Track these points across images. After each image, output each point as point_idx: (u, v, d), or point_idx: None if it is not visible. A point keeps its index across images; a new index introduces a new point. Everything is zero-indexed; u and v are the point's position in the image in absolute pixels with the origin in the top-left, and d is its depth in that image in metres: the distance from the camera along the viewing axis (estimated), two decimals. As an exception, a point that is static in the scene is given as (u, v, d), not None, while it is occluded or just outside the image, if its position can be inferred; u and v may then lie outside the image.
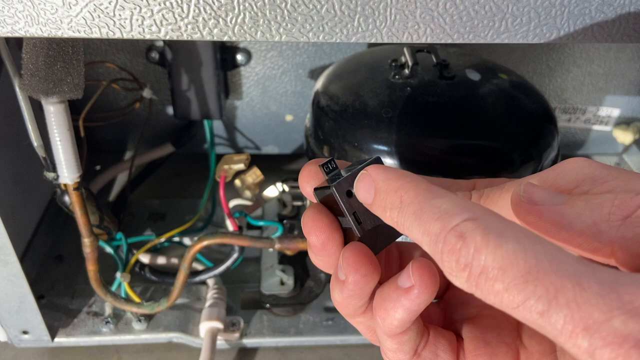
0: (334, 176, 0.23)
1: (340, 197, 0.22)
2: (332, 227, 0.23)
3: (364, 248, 0.22)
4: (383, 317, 0.22)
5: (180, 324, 0.51)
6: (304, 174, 0.25)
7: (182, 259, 0.47)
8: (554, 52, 0.64)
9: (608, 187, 0.20)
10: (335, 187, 0.22)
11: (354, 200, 0.22)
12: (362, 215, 0.22)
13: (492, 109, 0.42)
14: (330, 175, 0.23)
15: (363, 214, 0.22)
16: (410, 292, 0.21)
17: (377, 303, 0.22)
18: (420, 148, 0.41)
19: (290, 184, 0.53)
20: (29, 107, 0.38)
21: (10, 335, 0.50)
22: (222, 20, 0.27)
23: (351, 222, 0.22)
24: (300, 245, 0.48)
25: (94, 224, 0.47)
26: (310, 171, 0.24)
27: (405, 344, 0.23)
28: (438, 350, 0.24)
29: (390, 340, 0.23)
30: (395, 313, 0.21)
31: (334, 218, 0.23)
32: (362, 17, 0.27)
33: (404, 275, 0.21)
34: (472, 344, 0.24)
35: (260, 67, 0.61)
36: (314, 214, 0.23)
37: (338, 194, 0.22)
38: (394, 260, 0.27)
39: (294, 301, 0.52)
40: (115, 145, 0.69)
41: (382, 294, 0.22)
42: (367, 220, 0.23)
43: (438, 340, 0.24)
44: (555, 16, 0.28)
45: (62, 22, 0.27)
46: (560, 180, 0.21)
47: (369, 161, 0.23)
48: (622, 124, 0.71)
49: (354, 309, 0.23)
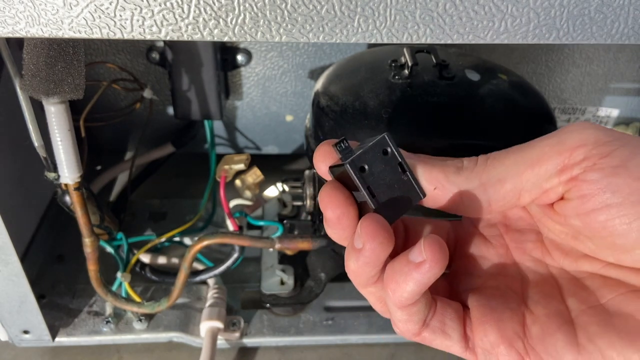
0: (347, 154, 0.24)
1: (354, 172, 0.24)
2: (348, 202, 0.24)
3: (380, 218, 0.23)
4: (394, 289, 0.23)
5: (180, 324, 0.52)
6: (319, 154, 0.26)
7: (183, 258, 0.47)
8: (553, 53, 0.64)
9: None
10: (349, 164, 0.24)
11: (367, 174, 0.24)
12: (375, 188, 0.24)
13: (491, 109, 0.42)
14: (343, 154, 0.24)
15: (377, 188, 0.24)
16: (421, 266, 0.23)
17: (389, 276, 0.24)
18: (420, 148, 0.40)
19: (290, 184, 0.53)
20: (29, 108, 0.38)
21: (11, 334, 0.50)
22: (223, 20, 0.27)
23: (366, 195, 0.24)
24: (300, 245, 0.48)
25: (95, 224, 0.47)
26: (324, 151, 0.26)
27: (414, 315, 0.25)
28: (445, 319, 0.25)
29: (400, 311, 0.25)
30: (407, 286, 0.23)
31: (349, 193, 0.25)
32: (362, 18, 0.28)
33: (415, 251, 0.23)
34: (479, 312, 0.25)
35: (260, 68, 0.61)
36: (330, 189, 0.25)
37: (352, 169, 0.24)
38: (400, 235, 0.28)
39: (294, 301, 0.52)
40: (116, 145, 0.69)
41: (394, 267, 0.24)
42: (381, 194, 0.24)
43: (445, 310, 0.26)
44: (555, 17, 0.28)
45: (63, 22, 0.27)
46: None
47: (377, 139, 0.24)
48: (622, 124, 0.71)
49: (367, 277, 0.25)
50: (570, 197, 0.24)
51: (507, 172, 0.24)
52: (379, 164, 0.24)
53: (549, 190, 0.24)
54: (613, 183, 0.22)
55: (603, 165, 0.22)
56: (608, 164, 0.22)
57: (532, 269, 0.27)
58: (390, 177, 0.25)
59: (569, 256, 0.26)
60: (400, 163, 0.25)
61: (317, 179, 0.48)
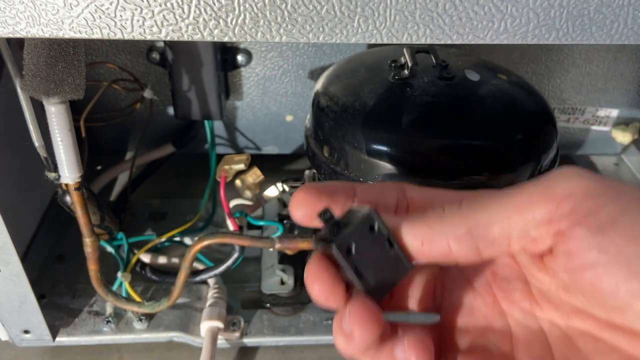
0: (332, 226, 0.24)
1: (342, 255, 0.23)
2: (335, 281, 0.24)
3: (369, 304, 0.23)
4: None
5: (181, 324, 0.52)
6: (296, 200, 0.26)
7: (183, 258, 0.47)
8: (553, 53, 0.64)
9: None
10: (336, 247, 0.23)
11: (354, 255, 0.23)
12: (362, 268, 0.23)
13: (491, 109, 0.42)
14: (328, 225, 0.24)
15: (364, 267, 0.23)
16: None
17: None
18: (420, 148, 0.41)
19: (290, 184, 0.53)
20: (30, 108, 0.38)
21: (11, 334, 0.50)
22: (223, 21, 0.27)
23: (353, 277, 0.23)
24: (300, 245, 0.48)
25: (95, 224, 0.47)
26: (302, 199, 0.26)
27: None
28: None
29: None
30: None
31: (336, 271, 0.24)
32: (362, 18, 0.28)
33: (399, 349, 0.23)
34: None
35: (260, 68, 0.61)
36: (316, 269, 0.24)
37: (339, 252, 0.23)
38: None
39: (294, 300, 0.52)
40: (116, 145, 0.69)
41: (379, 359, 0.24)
42: (369, 272, 0.24)
43: None
44: (554, 17, 0.28)
45: (63, 22, 0.27)
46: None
47: (364, 215, 0.24)
48: (621, 124, 0.71)
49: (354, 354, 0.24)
50: (558, 251, 0.23)
51: (493, 216, 0.23)
52: (366, 241, 0.24)
53: (537, 239, 0.23)
54: (600, 242, 0.21)
55: (590, 222, 0.21)
56: (596, 221, 0.21)
57: (522, 322, 0.26)
58: (377, 253, 0.24)
59: (559, 309, 0.25)
60: (387, 238, 0.24)
61: (317, 179, 0.48)
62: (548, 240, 0.23)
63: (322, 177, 0.45)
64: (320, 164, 0.45)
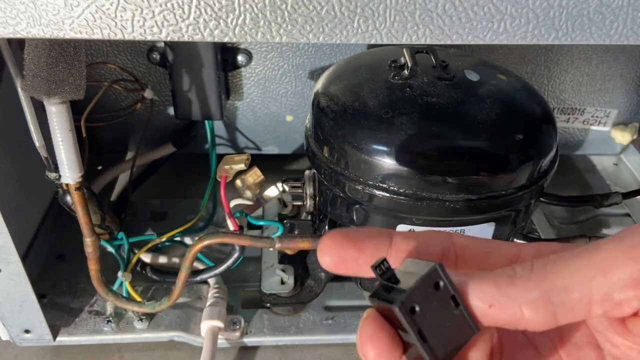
0: (389, 279, 0.22)
1: (406, 316, 0.21)
2: (393, 344, 0.21)
3: None
4: None
5: (181, 323, 0.52)
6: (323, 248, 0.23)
7: (183, 258, 0.47)
8: (552, 53, 0.64)
9: None
10: (400, 308, 0.20)
11: (417, 315, 0.21)
12: (426, 330, 0.21)
13: (490, 109, 0.42)
14: (385, 278, 0.22)
15: (427, 329, 0.21)
16: None
17: None
18: (419, 148, 0.41)
19: (290, 184, 0.53)
20: (30, 108, 0.38)
21: (12, 334, 0.50)
22: (223, 21, 0.27)
23: (417, 341, 0.21)
24: (300, 245, 0.48)
25: (96, 224, 0.47)
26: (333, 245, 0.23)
27: None
28: None
29: None
30: None
31: (394, 332, 0.22)
32: (362, 19, 0.28)
33: None
34: None
35: (260, 68, 0.61)
36: (373, 330, 0.21)
37: (403, 313, 0.21)
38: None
39: (294, 300, 0.52)
40: (117, 145, 0.69)
41: None
42: (432, 335, 0.21)
43: None
44: (554, 17, 0.28)
45: (64, 23, 0.27)
46: None
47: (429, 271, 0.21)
48: (620, 124, 0.71)
49: None
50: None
51: (572, 279, 0.21)
52: (430, 300, 0.21)
53: (623, 303, 0.20)
54: None
55: None
56: None
57: None
58: (442, 314, 0.21)
59: None
60: (452, 296, 0.21)
61: (317, 179, 0.48)
62: (635, 303, 0.20)
63: (322, 177, 0.45)
64: (320, 164, 0.45)
